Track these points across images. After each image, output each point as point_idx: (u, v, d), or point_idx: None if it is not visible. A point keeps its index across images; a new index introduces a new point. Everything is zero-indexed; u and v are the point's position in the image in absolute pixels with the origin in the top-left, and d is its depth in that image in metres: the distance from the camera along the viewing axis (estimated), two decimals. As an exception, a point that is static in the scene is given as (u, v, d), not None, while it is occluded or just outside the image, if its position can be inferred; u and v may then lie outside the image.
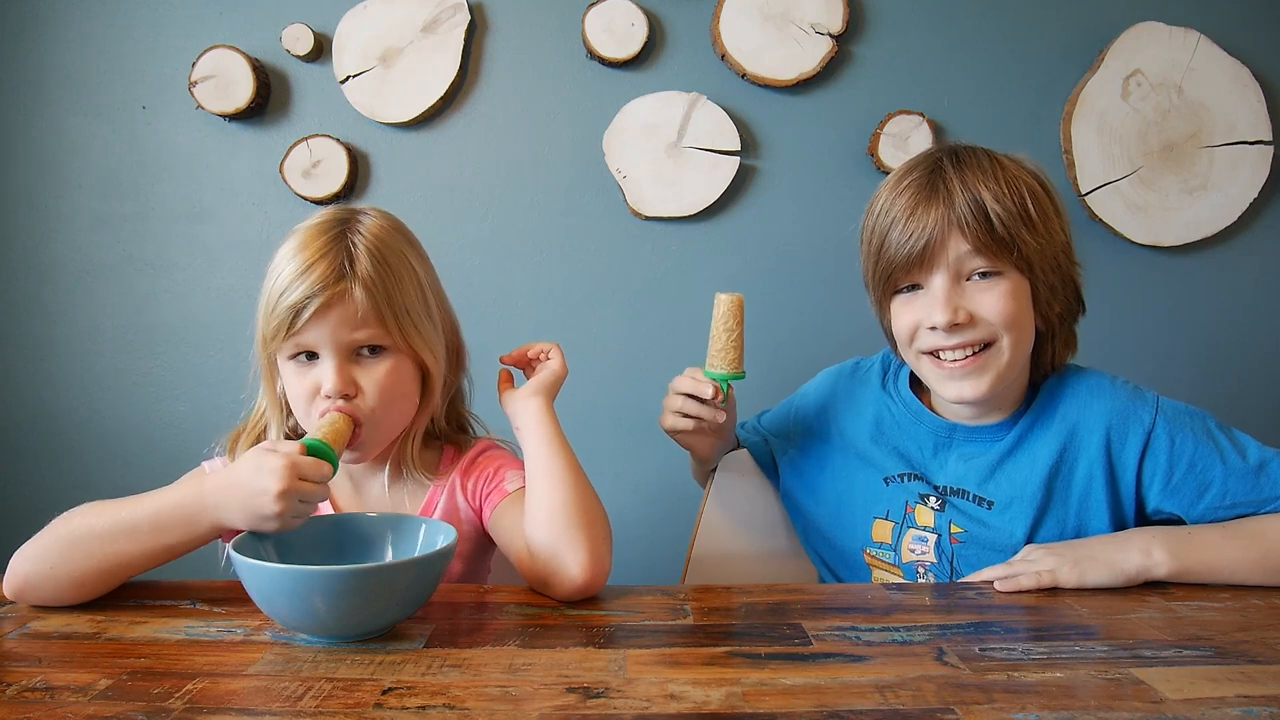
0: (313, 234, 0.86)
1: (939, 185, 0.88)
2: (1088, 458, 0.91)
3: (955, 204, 0.86)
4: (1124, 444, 0.90)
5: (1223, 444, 0.89)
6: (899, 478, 0.98)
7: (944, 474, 0.96)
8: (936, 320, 0.86)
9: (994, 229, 0.85)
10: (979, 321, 0.86)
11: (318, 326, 0.82)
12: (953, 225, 0.85)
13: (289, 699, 0.57)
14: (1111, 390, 0.94)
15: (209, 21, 1.70)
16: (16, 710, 0.55)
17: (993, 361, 0.88)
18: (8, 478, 1.78)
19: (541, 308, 1.72)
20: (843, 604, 0.77)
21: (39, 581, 0.76)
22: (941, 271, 0.87)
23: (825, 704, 0.55)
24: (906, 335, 0.91)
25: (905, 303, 0.91)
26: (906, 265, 0.88)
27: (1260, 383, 1.72)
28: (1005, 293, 0.87)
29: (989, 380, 0.87)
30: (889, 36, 1.69)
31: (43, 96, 1.74)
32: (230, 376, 1.73)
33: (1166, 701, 0.55)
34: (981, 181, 0.87)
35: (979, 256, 0.86)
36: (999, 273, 0.87)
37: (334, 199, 1.69)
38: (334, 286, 0.82)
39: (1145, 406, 0.92)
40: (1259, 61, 1.65)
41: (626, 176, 1.68)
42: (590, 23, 1.65)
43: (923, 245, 0.86)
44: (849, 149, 1.70)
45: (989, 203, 0.85)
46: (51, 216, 1.75)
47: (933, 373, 0.90)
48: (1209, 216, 1.67)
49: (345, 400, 0.83)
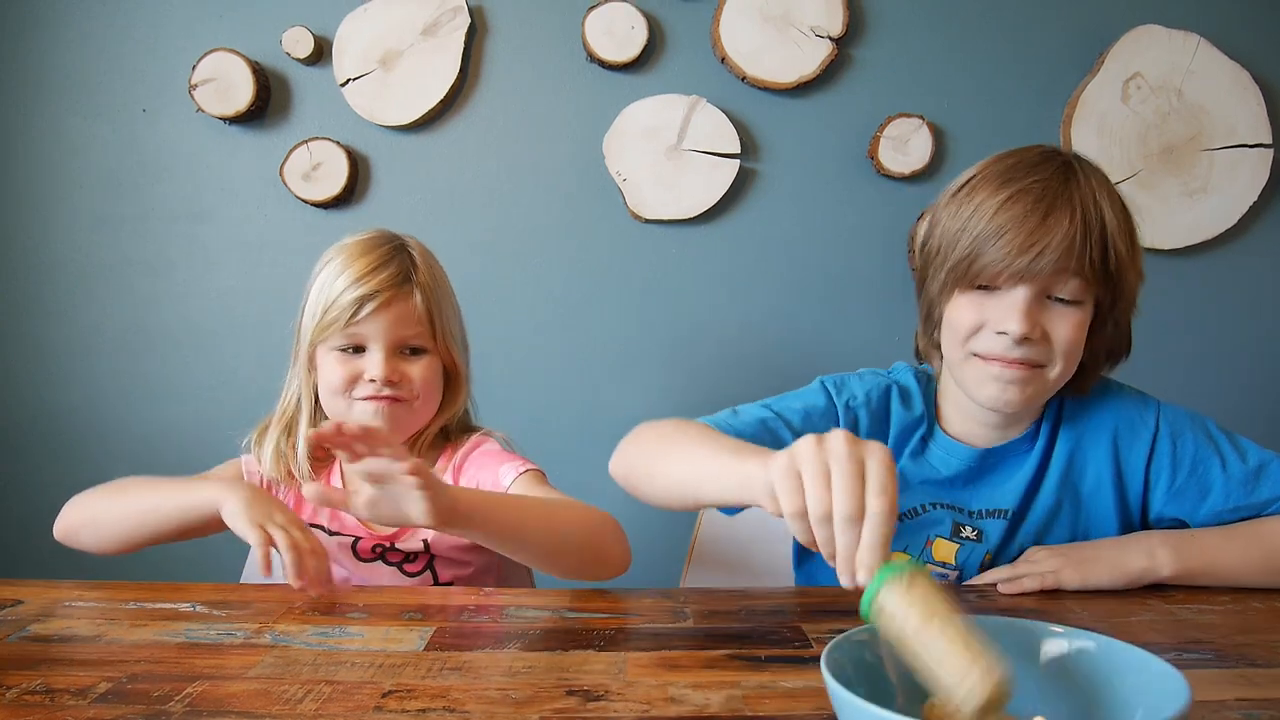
0: (369, 244, 0.96)
1: (1073, 197, 0.80)
2: (1096, 462, 0.90)
3: (1080, 223, 0.79)
4: (1131, 447, 0.90)
5: (1223, 447, 0.88)
6: (920, 509, 0.93)
7: (978, 499, 0.92)
8: (1011, 329, 0.79)
9: (1108, 261, 0.80)
10: (1044, 342, 0.82)
11: (376, 320, 0.92)
12: (1065, 244, 0.78)
13: (289, 702, 0.57)
14: (1117, 395, 0.93)
15: (209, 24, 1.71)
16: (16, 713, 0.55)
17: (1037, 382, 0.84)
18: (8, 478, 1.78)
19: (541, 310, 1.72)
20: (843, 607, 0.77)
21: (79, 528, 0.89)
22: (1032, 284, 0.80)
23: (826, 707, 0.55)
24: (965, 332, 0.84)
25: (975, 301, 0.83)
26: (1008, 270, 0.79)
27: (1261, 385, 1.72)
28: (1078, 324, 0.82)
29: (1027, 397, 0.84)
30: (889, 39, 1.69)
31: (43, 97, 1.74)
32: (230, 377, 1.73)
33: (1167, 705, 0.55)
34: (1108, 206, 0.82)
35: (1075, 280, 0.80)
36: (1081, 302, 0.82)
37: (334, 202, 1.70)
38: (400, 287, 0.93)
39: (1148, 410, 0.91)
40: (1259, 64, 1.66)
41: (626, 179, 1.68)
42: (590, 25, 1.65)
43: (1036, 255, 0.78)
44: (849, 152, 1.70)
45: (1111, 232, 0.80)
46: (51, 217, 1.75)
47: (978, 372, 0.84)
48: (1209, 219, 1.67)
49: (390, 386, 0.92)
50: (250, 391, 1.03)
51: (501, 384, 1.68)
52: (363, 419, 0.93)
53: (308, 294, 0.97)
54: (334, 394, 0.94)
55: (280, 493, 0.98)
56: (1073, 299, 0.81)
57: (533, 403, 1.69)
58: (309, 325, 0.94)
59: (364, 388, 0.93)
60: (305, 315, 0.96)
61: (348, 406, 0.94)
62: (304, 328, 0.96)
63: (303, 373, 0.97)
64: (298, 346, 0.98)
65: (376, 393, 0.92)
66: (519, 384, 1.71)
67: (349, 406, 0.94)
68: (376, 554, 0.96)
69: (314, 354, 0.95)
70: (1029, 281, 0.80)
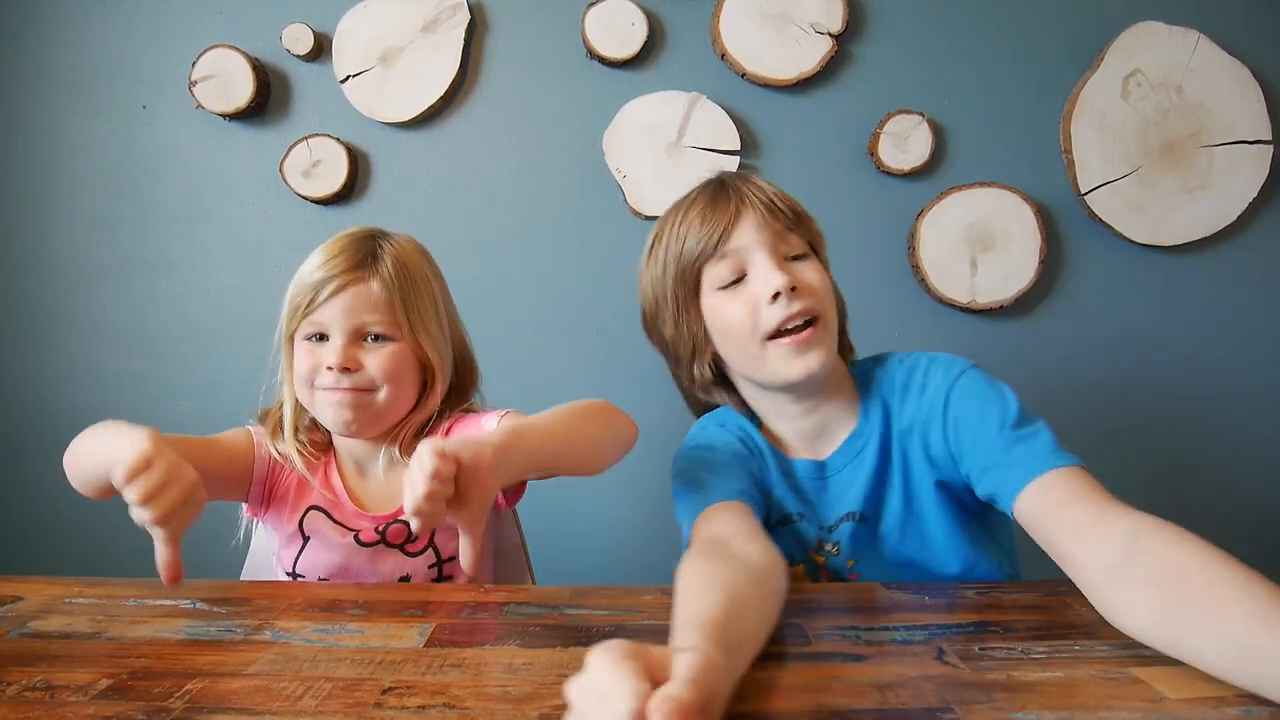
0: (345, 237, 0.97)
1: (727, 189, 0.90)
2: (915, 442, 0.90)
3: (746, 195, 0.89)
4: (931, 421, 0.89)
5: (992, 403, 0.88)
6: (796, 516, 0.93)
7: (833, 511, 0.92)
8: (776, 284, 0.84)
9: (792, 209, 0.90)
10: (806, 291, 0.86)
11: (333, 305, 0.92)
12: (754, 208, 0.87)
13: (289, 698, 0.57)
14: (899, 366, 0.94)
15: (209, 21, 1.71)
16: (16, 710, 0.55)
17: (823, 333, 0.87)
18: (7, 477, 1.78)
19: (541, 307, 1.72)
20: (842, 603, 0.77)
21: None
22: (760, 249, 0.87)
23: (825, 703, 0.55)
24: (746, 323, 0.86)
25: (729, 296, 0.88)
26: (718, 250, 0.87)
27: (1261, 383, 1.72)
28: (819, 269, 0.89)
29: (825, 351, 0.87)
30: (889, 36, 1.69)
31: (43, 96, 1.74)
32: (230, 375, 1.73)
33: (1166, 701, 0.55)
34: (761, 181, 0.92)
35: (791, 235, 0.88)
36: (805, 254, 0.90)
37: (334, 199, 1.70)
38: (354, 273, 0.93)
39: (934, 372, 0.91)
40: (1259, 61, 1.65)
41: (626, 176, 1.68)
42: (590, 22, 1.65)
43: (726, 226, 0.87)
44: (849, 148, 1.70)
45: (772, 192, 0.90)
46: (51, 216, 1.75)
47: (780, 356, 0.86)
48: (1208, 216, 1.67)
49: (345, 374, 0.92)
50: (250, 389, 1.03)
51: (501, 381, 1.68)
52: (323, 410, 0.94)
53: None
54: (300, 383, 0.95)
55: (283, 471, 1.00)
56: (800, 253, 0.89)
57: (532, 400, 1.68)
58: (283, 318, 0.96)
59: (324, 377, 0.93)
60: (284, 307, 0.97)
61: (311, 398, 0.95)
62: (282, 321, 0.98)
63: (282, 365, 0.98)
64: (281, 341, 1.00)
65: (335, 384, 0.92)
66: (519, 381, 1.71)
67: (312, 398, 0.94)
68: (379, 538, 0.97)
69: (288, 347, 0.97)
70: (760, 246, 0.86)
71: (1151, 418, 1.73)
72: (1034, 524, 0.75)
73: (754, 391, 0.94)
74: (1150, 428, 1.73)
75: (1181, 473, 1.74)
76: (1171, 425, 1.73)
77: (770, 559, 0.71)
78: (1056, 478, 0.75)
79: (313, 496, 0.99)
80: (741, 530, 0.77)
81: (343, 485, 0.99)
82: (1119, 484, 0.73)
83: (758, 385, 0.92)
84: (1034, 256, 1.67)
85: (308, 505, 0.98)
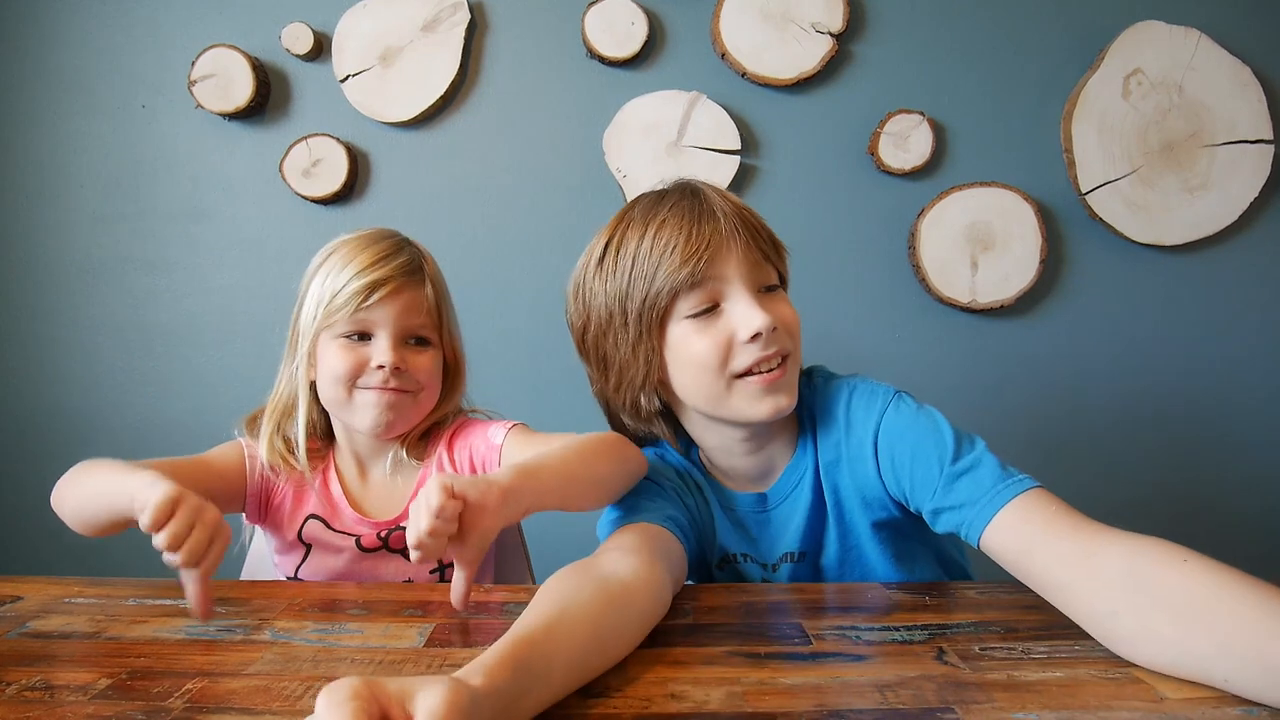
0: (375, 237, 0.96)
1: (708, 207, 0.82)
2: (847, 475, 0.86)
3: (730, 218, 0.81)
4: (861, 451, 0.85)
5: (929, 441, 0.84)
6: (737, 557, 0.90)
7: (774, 549, 0.89)
8: (757, 324, 0.78)
9: (770, 237, 0.84)
10: (783, 330, 0.81)
11: (385, 307, 0.92)
12: (737, 236, 0.80)
13: (288, 698, 0.57)
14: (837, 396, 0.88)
15: (208, 20, 1.71)
16: (16, 709, 0.55)
17: (792, 372, 0.83)
18: (7, 476, 1.78)
19: (541, 307, 1.72)
20: (842, 603, 0.77)
21: (56, 505, 0.85)
22: (740, 282, 0.80)
23: (825, 703, 0.55)
24: (715, 359, 0.80)
25: (699, 328, 0.81)
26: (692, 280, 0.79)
27: (1260, 382, 1.72)
28: (788, 302, 0.85)
29: (793, 391, 0.83)
30: (889, 35, 1.69)
31: (43, 96, 1.74)
32: (229, 374, 1.73)
33: (1166, 701, 0.55)
34: (734, 199, 0.85)
35: (768, 265, 0.83)
36: (777, 286, 0.85)
37: (334, 198, 1.70)
38: (411, 276, 0.94)
39: (854, 397, 0.87)
40: (1259, 60, 1.65)
41: (626, 175, 1.68)
42: (590, 22, 1.65)
43: (710, 255, 0.79)
44: (849, 148, 1.70)
45: (750, 215, 0.84)
46: (51, 216, 1.75)
47: (747, 394, 0.81)
48: (1209, 215, 1.67)
49: (396, 373, 0.92)
50: (250, 387, 1.03)
51: (501, 380, 1.68)
52: (363, 410, 0.93)
53: (307, 286, 0.96)
54: (337, 381, 0.93)
55: (277, 482, 0.98)
56: (773, 284, 0.84)
57: (532, 399, 1.69)
58: (312, 314, 0.93)
59: (371, 375, 0.92)
60: (306, 307, 0.95)
61: (348, 396, 0.93)
62: (304, 319, 0.95)
63: (304, 365, 0.95)
64: (294, 339, 0.97)
65: (383, 382, 0.92)
66: (518, 380, 1.71)
67: (349, 396, 0.93)
68: (381, 543, 0.97)
69: (315, 345, 0.95)
70: (741, 280, 0.80)
71: (1151, 417, 1.73)
72: (1009, 559, 0.70)
73: (702, 426, 0.88)
74: (1150, 427, 1.73)
75: (1181, 472, 1.74)
76: (1171, 425, 1.73)
77: (642, 577, 0.67)
78: (1020, 507, 0.70)
79: (310, 505, 0.98)
80: (628, 547, 0.72)
81: (342, 491, 0.99)
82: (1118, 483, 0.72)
83: (710, 420, 0.86)
84: (1034, 256, 1.67)
85: (306, 514, 0.98)
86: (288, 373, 0.98)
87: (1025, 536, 0.69)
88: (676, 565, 0.76)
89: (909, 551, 0.89)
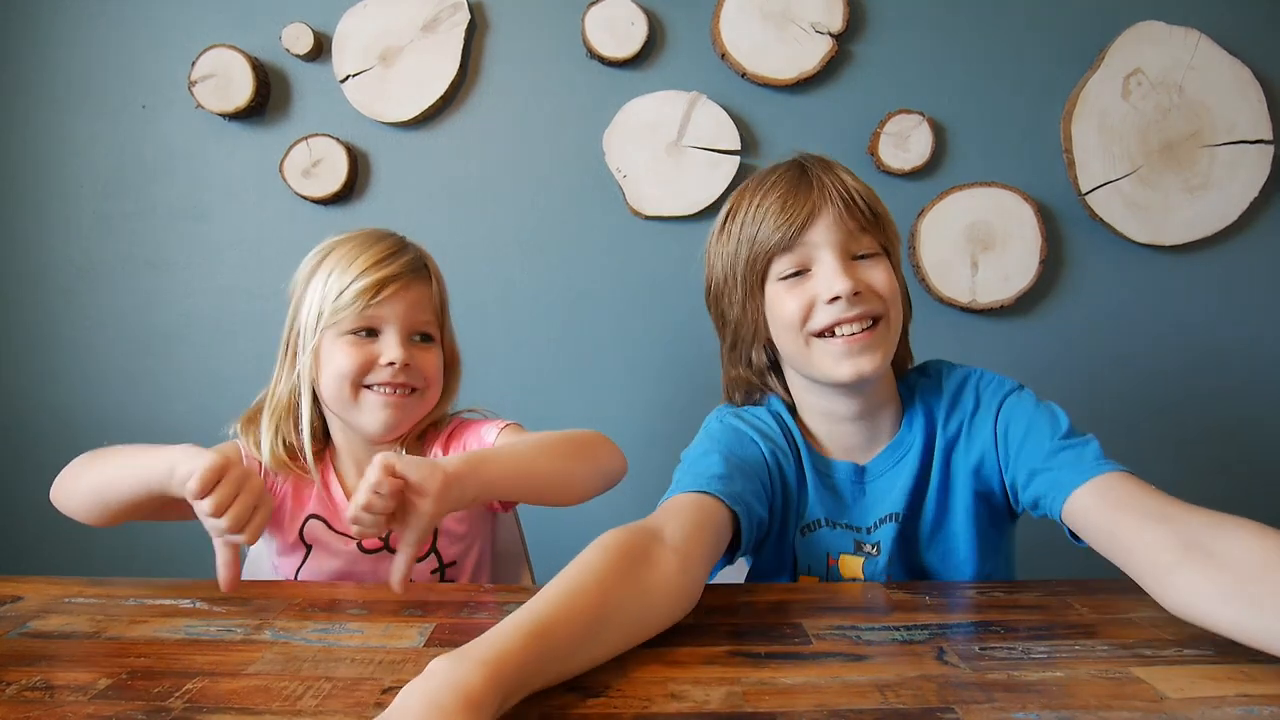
0: (376, 236, 0.97)
1: (814, 170, 0.90)
2: (962, 450, 0.90)
3: (828, 188, 0.87)
4: (981, 427, 0.90)
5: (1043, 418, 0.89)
6: (817, 523, 0.92)
7: (870, 513, 0.92)
8: (838, 288, 0.83)
9: (875, 209, 0.88)
10: (871, 294, 0.85)
11: (394, 303, 0.93)
12: (832, 204, 0.86)
13: (289, 698, 0.57)
14: (949, 376, 0.94)
15: (209, 20, 1.71)
16: (16, 709, 0.55)
17: (883, 337, 0.86)
18: (7, 476, 1.78)
19: (541, 307, 1.72)
20: (843, 603, 0.77)
21: (62, 498, 0.87)
22: (829, 249, 0.85)
23: (825, 703, 0.55)
24: (798, 318, 0.86)
25: (790, 288, 0.87)
26: (790, 243, 0.86)
27: (1260, 382, 1.72)
28: (887, 270, 0.87)
29: (881, 355, 0.86)
30: (889, 36, 1.69)
31: (43, 96, 1.74)
32: (230, 374, 1.73)
33: (1167, 700, 0.55)
34: (843, 170, 0.91)
35: (866, 236, 0.87)
36: (879, 254, 0.88)
37: (334, 198, 1.70)
38: (417, 273, 0.96)
39: (984, 379, 0.93)
40: (1259, 60, 1.65)
41: (626, 176, 1.68)
42: (590, 22, 1.65)
43: (802, 222, 0.85)
44: (849, 148, 1.70)
45: (861, 187, 0.89)
46: (52, 216, 1.75)
47: (827, 353, 0.85)
48: (1209, 216, 1.67)
49: (404, 369, 0.93)
50: (250, 387, 1.02)
51: (500, 380, 1.68)
52: (370, 411, 0.93)
53: (304, 287, 0.95)
54: (343, 380, 0.92)
55: (277, 482, 0.98)
56: (871, 252, 0.87)
57: (531, 398, 1.69)
58: (315, 313, 0.93)
59: (380, 373, 0.92)
60: (307, 305, 0.94)
61: (353, 397, 0.93)
62: (305, 318, 0.94)
63: (307, 364, 0.94)
64: (292, 340, 0.96)
65: (392, 378, 0.92)
66: (518, 380, 1.71)
67: (355, 397, 0.93)
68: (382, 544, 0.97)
69: (319, 344, 0.94)
70: (829, 246, 0.85)
71: (1151, 417, 1.73)
72: (1089, 518, 0.74)
73: (803, 386, 0.93)
74: (1150, 427, 1.73)
75: (1181, 472, 1.73)
76: (1171, 425, 1.73)
77: (679, 584, 0.68)
78: (1114, 479, 0.75)
79: (311, 505, 0.98)
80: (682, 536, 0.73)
81: (342, 491, 0.98)
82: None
83: (807, 380, 0.91)
84: (1034, 256, 1.67)
85: (307, 514, 0.98)
86: (285, 374, 0.97)
87: (1106, 501, 0.74)
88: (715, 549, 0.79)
89: (990, 540, 0.92)
